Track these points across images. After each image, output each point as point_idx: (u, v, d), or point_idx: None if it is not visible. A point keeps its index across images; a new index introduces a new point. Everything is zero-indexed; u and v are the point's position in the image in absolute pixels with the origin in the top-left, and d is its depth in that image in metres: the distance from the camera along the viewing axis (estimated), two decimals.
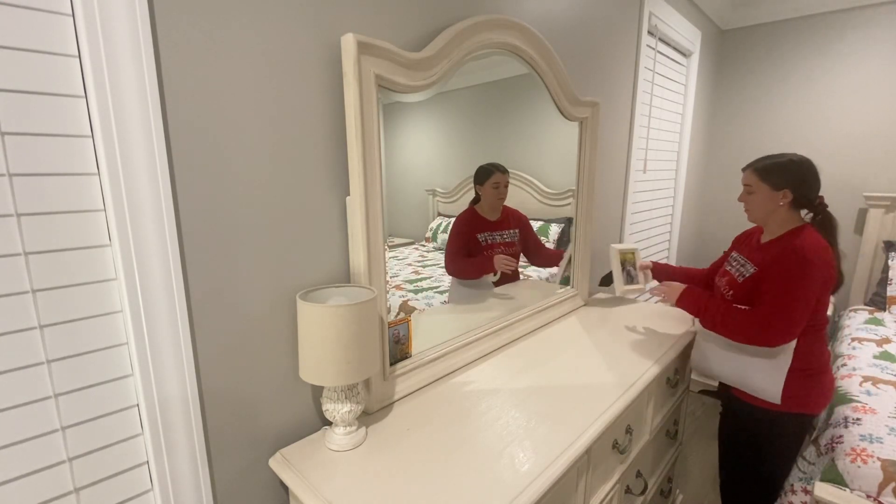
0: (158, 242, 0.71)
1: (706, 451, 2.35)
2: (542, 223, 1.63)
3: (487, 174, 1.35)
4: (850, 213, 2.76)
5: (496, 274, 1.43)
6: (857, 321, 2.25)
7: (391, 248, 1.14)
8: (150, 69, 0.67)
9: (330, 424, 0.92)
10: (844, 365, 1.81)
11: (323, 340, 0.80)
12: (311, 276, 0.94)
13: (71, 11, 0.62)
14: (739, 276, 1.32)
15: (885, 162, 2.62)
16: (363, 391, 0.92)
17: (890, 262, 2.45)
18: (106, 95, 0.64)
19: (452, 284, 1.32)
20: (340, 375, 0.82)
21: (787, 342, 1.19)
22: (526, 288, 1.59)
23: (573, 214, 1.71)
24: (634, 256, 1.77)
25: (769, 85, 2.93)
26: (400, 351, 1.10)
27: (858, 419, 1.38)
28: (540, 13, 1.43)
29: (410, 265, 1.22)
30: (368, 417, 0.99)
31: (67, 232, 0.65)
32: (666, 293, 1.43)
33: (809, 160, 1.25)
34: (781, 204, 1.25)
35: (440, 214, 1.29)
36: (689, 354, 1.54)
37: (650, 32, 2.13)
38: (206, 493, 0.82)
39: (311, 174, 0.91)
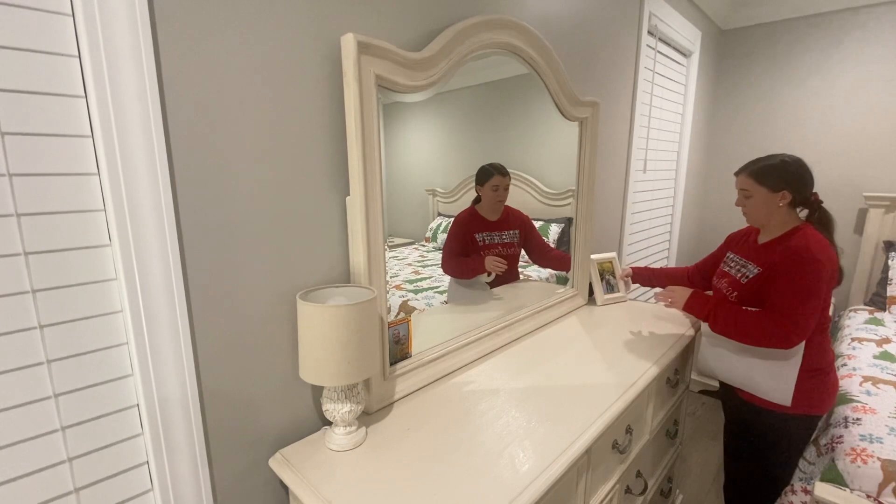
0: (158, 242, 0.71)
1: (706, 451, 2.35)
2: (542, 223, 1.63)
3: (487, 176, 1.35)
4: (850, 213, 2.76)
5: (490, 275, 1.43)
6: (857, 321, 2.25)
7: (391, 248, 1.14)
8: (150, 69, 0.67)
9: (330, 424, 0.92)
10: (844, 365, 1.81)
11: (323, 340, 0.80)
12: (311, 276, 0.94)
13: (71, 11, 0.62)
14: (742, 277, 1.32)
15: (885, 162, 2.62)
16: (363, 391, 0.92)
17: (890, 262, 2.45)
18: (106, 95, 0.64)
19: (450, 284, 1.32)
20: (340, 375, 0.82)
21: (801, 342, 1.18)
22: (526, 288, 1.59)
23: (573, 214, 1.71)
24: (612, 265, 1.79)
25: (769, 85, 2.93)
26: (400, 351, 1.10)
27: (858, 419, 1.38)
28: (540, 13, 1.43)
29: (410, 265, 1.22)
30: (368, 417, 0.99)
31: (67, 232, 0.65)
32: (672, 298, 1.40)
33: (800, 159, 1.25)
34: (781, 205, 1.26)
35: (440, 214, 1.29)
36: (689, 354, 1.53)
37: (650, 32, 2.13)
38: (206, 493, 0.82)
39: (310, 174, 0.91)
